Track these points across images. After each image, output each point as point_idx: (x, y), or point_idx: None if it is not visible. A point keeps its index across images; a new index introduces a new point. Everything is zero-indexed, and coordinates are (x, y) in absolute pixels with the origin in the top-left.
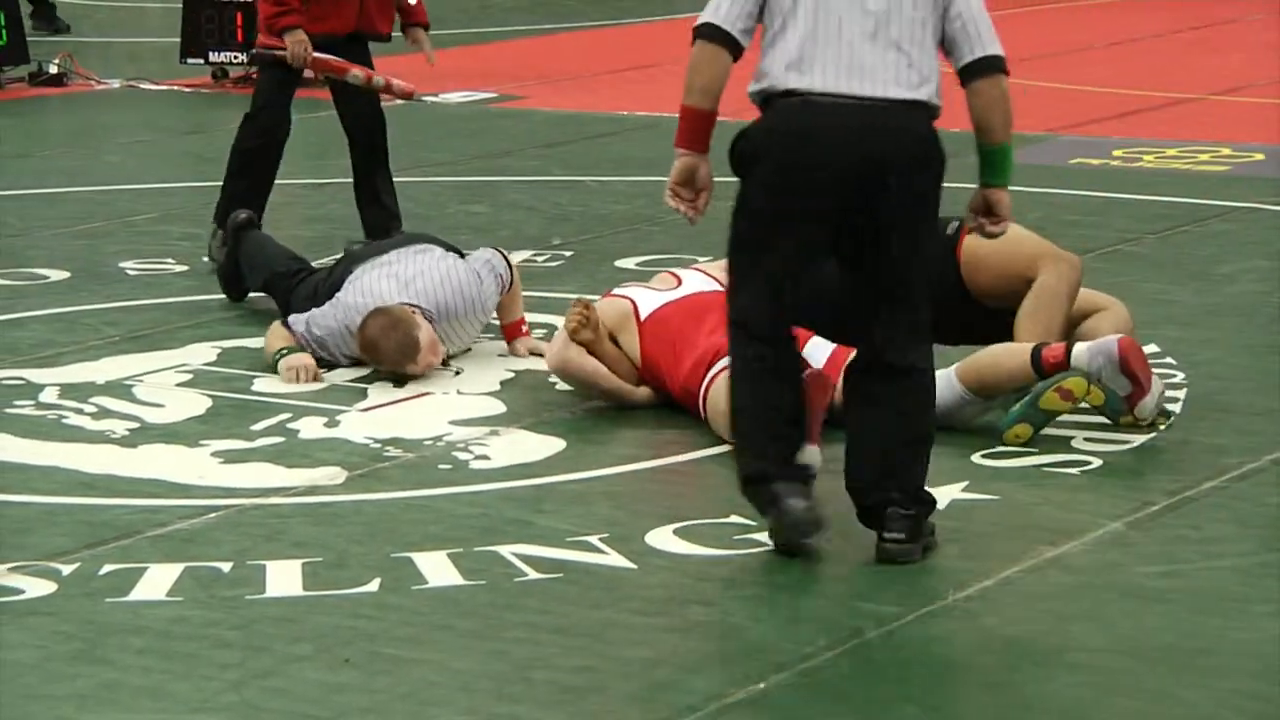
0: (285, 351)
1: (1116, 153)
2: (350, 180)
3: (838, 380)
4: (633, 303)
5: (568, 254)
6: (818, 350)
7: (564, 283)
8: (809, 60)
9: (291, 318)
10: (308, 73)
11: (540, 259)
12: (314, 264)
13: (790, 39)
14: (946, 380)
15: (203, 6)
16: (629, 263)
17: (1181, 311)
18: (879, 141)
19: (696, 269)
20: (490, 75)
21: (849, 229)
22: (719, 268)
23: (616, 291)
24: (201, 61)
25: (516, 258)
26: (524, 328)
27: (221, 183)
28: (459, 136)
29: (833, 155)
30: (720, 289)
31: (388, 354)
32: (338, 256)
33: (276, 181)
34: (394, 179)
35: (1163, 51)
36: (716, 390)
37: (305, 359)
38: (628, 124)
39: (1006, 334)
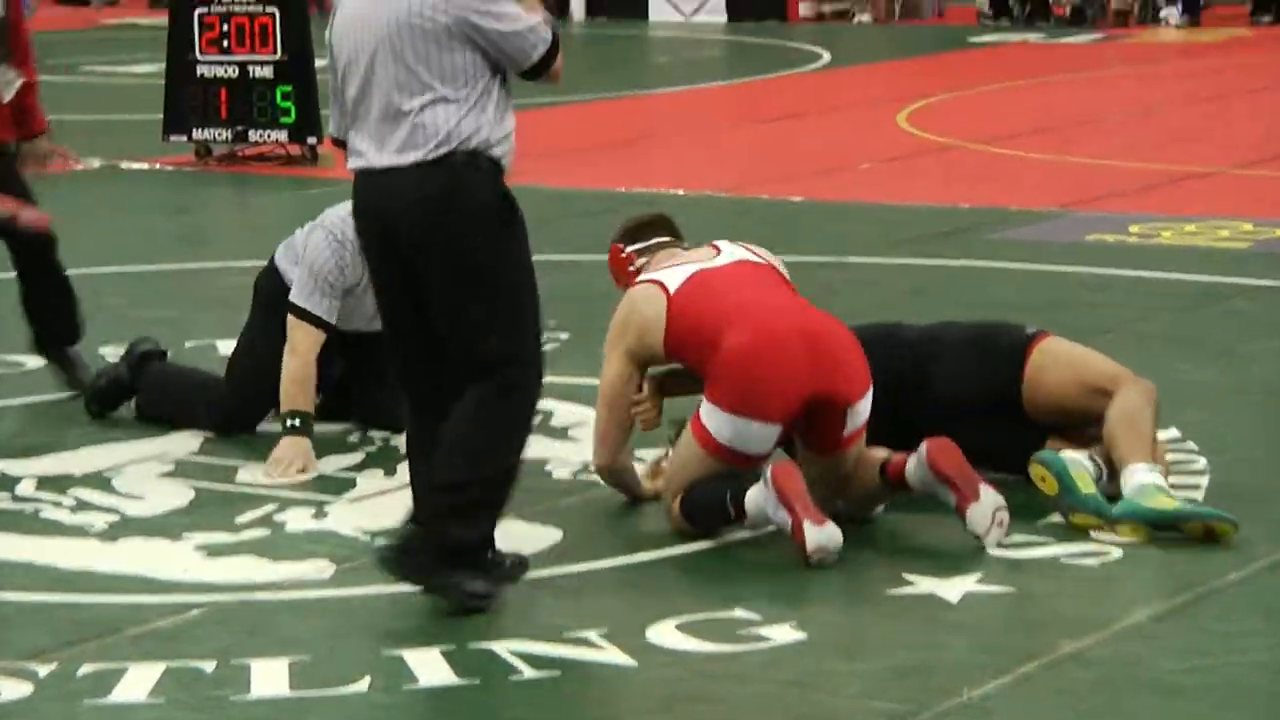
0: (293, 424)
1: (1133, 228)
2: None
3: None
4: (663, 289)
5: (564, 336)
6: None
7: (563, 366)
8: (356, 140)
9: (293, 291)
10: None
11: None
12: None
13: (352, 126)
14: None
15: (186, 82)
16: None
17: (1203, 393)
18: (391, 207)
19: (738, 244)
20: None
21: (413, 288)
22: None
23: (652, 277)
24: (185, 139)
25: None
26: None
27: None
28: None
29: (367, 224)
30: (761, 260)
31: None
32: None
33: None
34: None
35: (1181, 122)
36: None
37: (301, 449)
38: (621, 200)
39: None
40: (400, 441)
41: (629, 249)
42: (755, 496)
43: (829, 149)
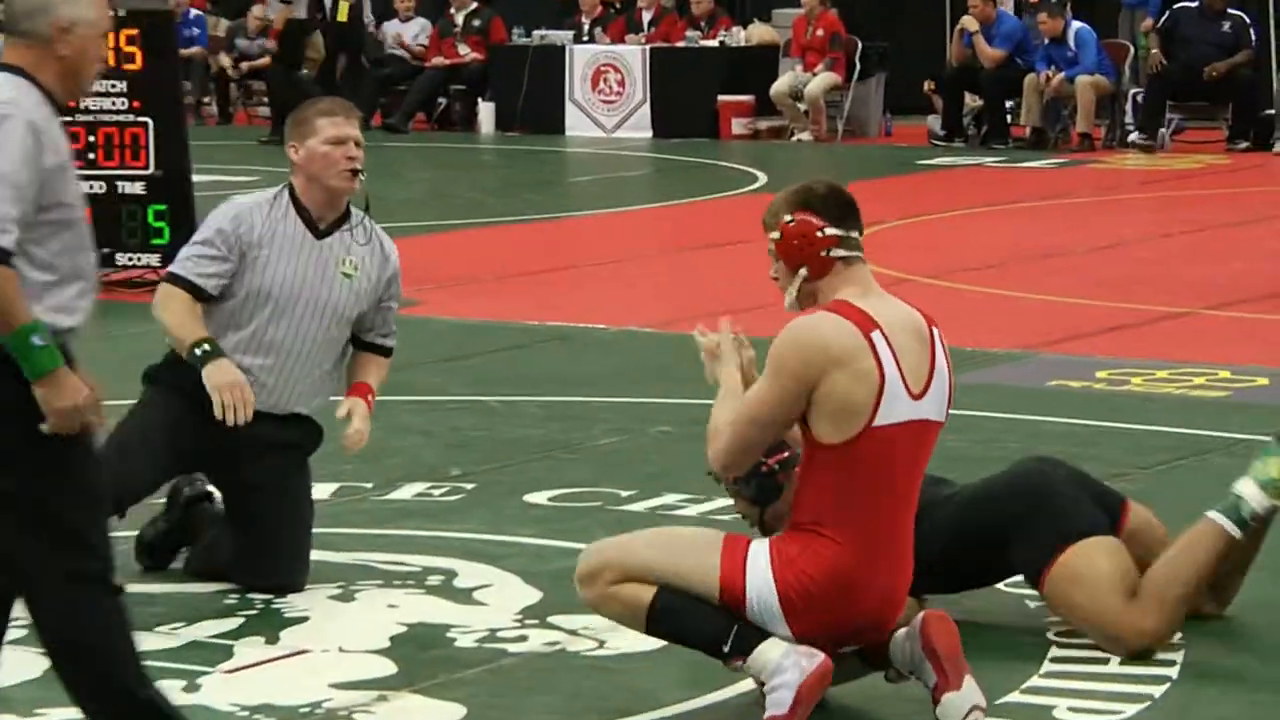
0: (206, 351)
1: (1101, 374)
2: None
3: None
4: (880, 376)
5: (469, 487)
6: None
7: (464, 520)
8: None
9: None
10: None
11: (437, 492)
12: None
13: None
14: None
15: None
16: (540, 497)
17: None
18: None
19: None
20: None
21: None
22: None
23: (879, 354)
24: None
25: (409, 491)
26: (369, 396)
27: None
28: None
29: None
30: (939, 418)
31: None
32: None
33: None
34: None
35: (1152, 257)
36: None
37: (235, 376)
38: (538, 335)
39: None
40: (285, 604)
41: (832, 230)
42: (773, 651)
43: (767, 281)
